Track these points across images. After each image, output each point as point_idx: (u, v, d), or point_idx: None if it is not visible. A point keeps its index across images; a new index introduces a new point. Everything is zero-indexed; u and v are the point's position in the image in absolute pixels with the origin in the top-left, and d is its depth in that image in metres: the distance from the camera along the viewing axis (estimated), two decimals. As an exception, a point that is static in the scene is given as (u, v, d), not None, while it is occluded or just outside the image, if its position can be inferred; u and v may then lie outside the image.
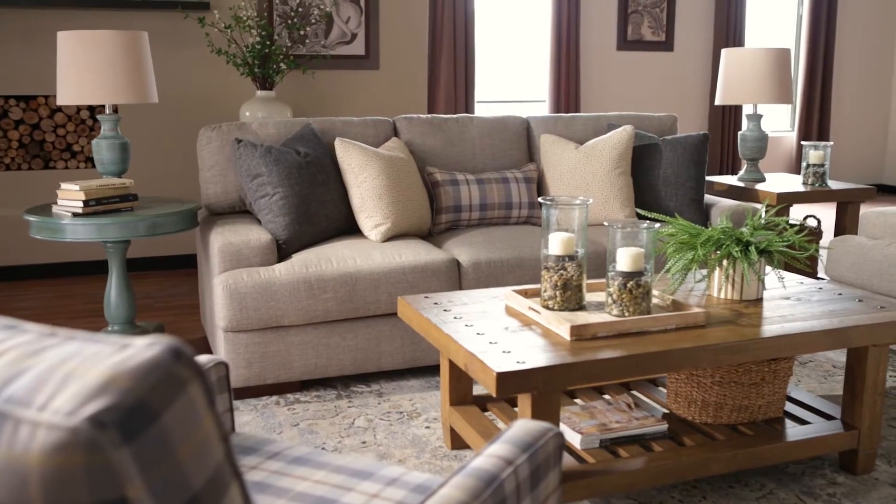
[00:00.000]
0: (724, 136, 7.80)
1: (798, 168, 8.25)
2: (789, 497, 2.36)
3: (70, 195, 3.11)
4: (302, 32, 5.27)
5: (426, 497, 1.10)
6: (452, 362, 2.60)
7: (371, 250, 3.19)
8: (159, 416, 0.70)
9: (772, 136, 8.22)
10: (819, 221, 4.64)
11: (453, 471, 1.21)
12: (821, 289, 2.70)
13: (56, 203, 3.22)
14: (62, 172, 5.01)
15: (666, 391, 2.68)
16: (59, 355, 0.75)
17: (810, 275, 4.44)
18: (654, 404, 2.66)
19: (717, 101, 4.66)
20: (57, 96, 3.23)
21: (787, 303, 2.52)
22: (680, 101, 7.73)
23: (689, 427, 2.47)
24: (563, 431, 2.36)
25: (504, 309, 2.45)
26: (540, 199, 2.40)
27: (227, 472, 0.78)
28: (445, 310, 2.45)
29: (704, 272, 2.77)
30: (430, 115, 3.87)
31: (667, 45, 7.58)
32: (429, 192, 3.70)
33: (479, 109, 7.06)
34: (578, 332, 2.16)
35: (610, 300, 2.32)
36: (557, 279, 2.35)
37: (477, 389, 3.11)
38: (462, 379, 2.64)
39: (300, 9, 5.34)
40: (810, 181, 4.55)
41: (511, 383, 1.95)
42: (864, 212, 3.86)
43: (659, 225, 2.36)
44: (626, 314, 2.29)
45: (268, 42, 4.87)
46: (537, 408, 2.05)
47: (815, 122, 8.14)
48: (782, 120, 8.41)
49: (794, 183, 4.66)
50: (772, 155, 8.24)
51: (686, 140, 3.91)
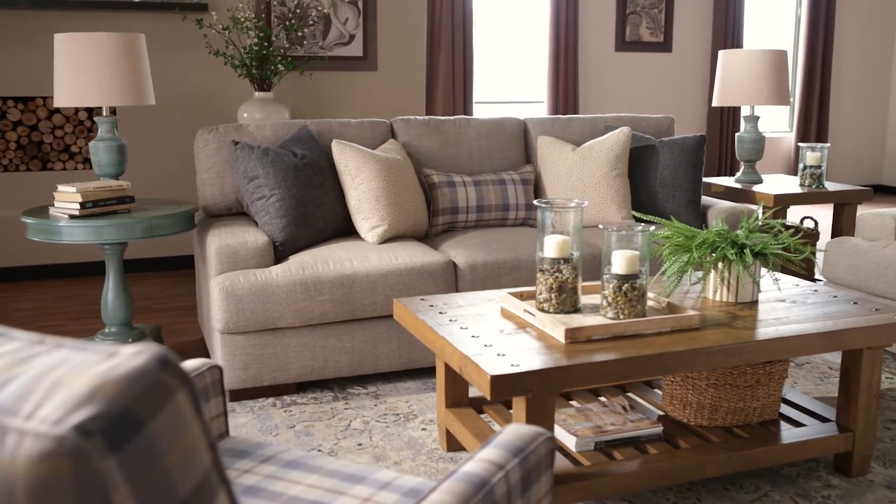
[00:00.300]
0: (722, 137, 7.81)
1: (796, 169, 8.26)
2: (784, 499, 2.37)
3: (67, 197, 3.11)
4: (300, 34, 5.27)
5: (417, 501, 1.11)
6: (448, 365, 2.61)
7: (368, 252, 3.19)
8: (146, 425, 0.70)
9: (770, 137, 8.23)
10: (816, 223, 4.64)
11: (445, 475, 1.21)
12: (816, 291, 2.70)
13: (53, 205, 3.22)
14: (60, 174, 5.01)
15: (661, 393, 2.68)
16: (47, 363, 0.75)
17: (807, 277, 4.44)
18: (649, 406, 2.66)
19: (714, 103, 4.66)
20: (54, 98, 3.23)
21: (782, 305, 2.53)
22: (678, 102, 7.74)
23: (684, 429, 2.47)
24: (558, 433, 2.37)
25: (500, 311, 2.45)
26: (535, 202, 2.40)
27: (214, 479, 0.78)
28: (441, 312, 2.45)
29: (700, 274, 2.77)
30: (427, 117, 3.88)
31: (665, 46, 7.58)
32: (426, 193, 3.70)
33: (478, 110, 7.07)
34: (573, 335, 2.16)
35: (605, 303, 2.33)
36: (552, 282, 2.36)
37: (473, 391, 3.11)
38: (458, 381, 2.65)
39: (298, 10, 5.34)
40: (807, 183, 4.56)
41: (505, 386, 1.95)
42: (861, 213, 3.87)
43: (654, 227, 2.36)
44: (621, 317, 2.30)
45: (265, 43, 4.88)
46: (532, 411, 2.05)
47: (814, 122, 8.15)
48: (781, 121, 8.41)
49: (792, 184, 4.67)
50: (770, 156, 8.25)
51: (683, 142, 3.91)
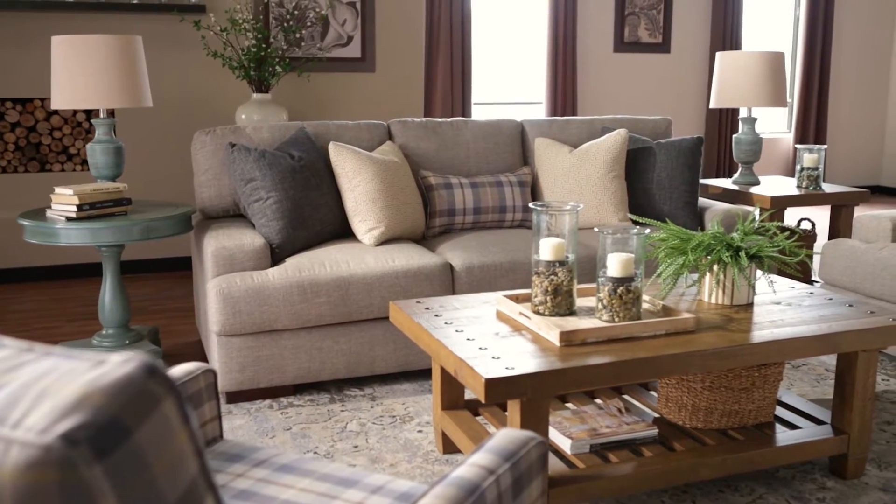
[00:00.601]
0: (720, 139, 7.81)
1: (795, 170, 8.26)
2: (779, 502, 2.37)
3: (64, 199, 3.11)
4: (298, 35, 5.28)
5: (407, 507, 1.11)
6: (443, 367, 2.61)
7: (364, 254, 3.20)
8: (132, 433, 0.71)
9: (769, 138, 8.23)
10: (813, 224, 4.65)
11: (435, 480, 1.22)
12: (812, 293, 2.70)
13: (50, 207, 3.22)
14: (58, 175, 5.02)
15: (657, 395, 2.68)
16: (35, 372, 0.75)
17: (804, 279, 4.45)
18: (645, 408, 2.66)
19: (711, 105, 4.67)
20: (51, 100, 3.23)
21: (777, 308, 2.53)
22: (677, 103, 7.74)
23: (679, 432, 2.47)
24: (553, 436, 2.37)
25: (495, 314, 2.46)
26: (530, 205, 2.41)
27: (201, 486, 0.79)
28: (437, 315, 2.45)
29: (696, 277, 2.78)
30: (424, 119, 3.88)
31: (664, 47, 7.59)
32: (423, 195, 3.71)
33: (476, 111, 7.07)
34: (568, 338, 2.17)
35: (600, 305, 2.33)
36: (548, 284, 2.36)
37: (469, 394, 3.12)
38: (454, 383, 2.65)
39: (296, 11, 5.35)
40: (804, 184, 4.56)
41: (499, 390, 1.95)
42: (858, 215, 3.87)
43: (649, 230, 2.37)
44: (616, 319, 2.30)
45: (264, 45, 4.88)
46: (526, 414, 2.05)
47: (812, 124, 8.15)
48: (779, 122, 8.42)
49: (789, 186, 4.67)
50: (769, 157, 8.25)
51: (680, 143, 3.92)
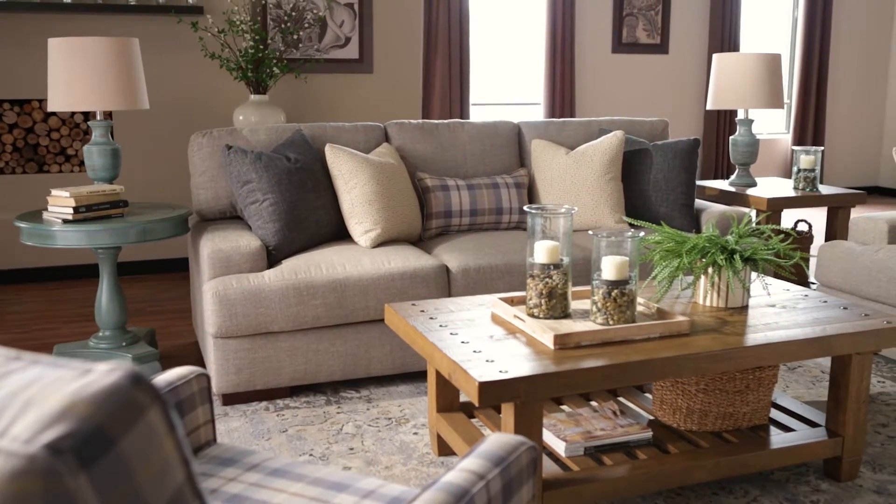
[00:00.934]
0: (719, 140, 7.81)
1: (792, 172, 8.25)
2: (773, 504, 2.38)
3: (60, 202, 3.12)
4: (295, 36, 5.28)
5: (396, 512, 1.11)
6: (438, 370, 2.61)
7: (361, 256, 3.20)
8: (117, 442, 0.71)
9: (767, 139, 8.23)
10: (810, 226, 4.65)
11: (425, 485, 1.22)
12: (806, 296, 2.71)
13: (47, 209, 3.23)
14: (56, 176, 5.02)
15: (652, 397, 2.69)
16: (22, 380, 0.76)
17: (799, 281, 4.45)
18: (640, 411, 2.67)
19: (708, 106, 4.67)
20: (48, 103, 3.24)
21: (772, 310, 2.54)
22: (675, 104, 7.75)
23: (673, 434, 2.48)
24: (548, 438, 2.38)
25: (490, 317, 2.46)
26: (525, 208, 2.41)
27: (188, 493, 0.79)
28: (431, 318, 2.46)
29: (690, 279, 2.78)
30: (421, 121, 3.88)
31: (662, 48, 7.59)
32: (419, 197, 3.71)
33: (474, 112, 7.08)
34: (562, 341, 2.17)
35: (594, 308, 2.34)
36: (543, 287, 2.37)
37: (464, 396, 3.12)
38: (449, 386, 2.66)
39: (294, 13, 5.35)
40: (801, 186, 4.57)
41: (493, 393, 1.96)
42: (854, 217, 3.88)
43: (643, 233, 2.37)
44: (611, 322, 2.30)
45: (261, 46, 4.88)
46: (520, 417, 2.06)
47: (811, 124, 8.16)
48: (777, 123, 8.42)
49: (786, 188, 4.68)
50: (767, 158, 8.26)
51: (676, 145, 3.92)
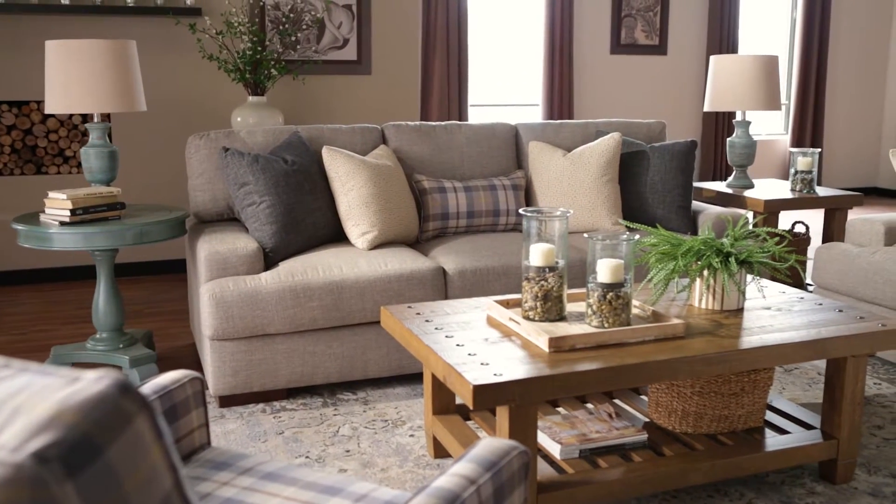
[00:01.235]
0: (717, 141, 7.82)
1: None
2: (768, 507, 2.38)
3: (57, 204, 3.12)
4: (293, 38, 5.28)
5: (387, 517, 1.12)
6: (433, 373, 2.62)
7: (357, 258, 3.21)
8: (104, 451, 0.71)
9: (765, 140, 8.24)
10: (807, 228, 4.66)
11: (419, 488, 1.22)
12: (802, 299, 2.71)
13: (44, 211, 3.23)
14: (54, 178, 5.02)
15: (647, 400, 2.69)
16: (10, 388, 0.76)
17: (795, 284, 4.45)
18: (635, 413, 2.67)
19: (705, 108, 4.68)
20: (45, 105, 3.24)
21: (767, 313, 2.54)
22: (674, 105, 7.75)
23: (669, 437, 2.48)
24: (543, 441, 2.38)
25: (486, 319, 2.47)
26: (520, 211, 2.41)
27: (176, 500, 0.80)
28: (427, 320, 2.46)
29: (686, 282, 2.78)
30: (418, 123, 3.89)
31: (660, 49, 7.60)
32: (416, 199, 3.72)
33: (473, 113, 7.08)
34: (557, 344, 2.18)
35: (590, 311, 2.34)
36: (538, 290, 2.37)
37: (460, 398, 3.12)
38: (445, 388, 2.66)
39: (292, 14, 5.36)
40: (798, 188, 4.57)
41: (487, 396, 1.96)
42: (851, 219, 3.88)
43: (638, 236, 2.38)
44: (606, 325, 2.31)
45: (259, 48, 4.89)
46: (514, 420, 2.06)
47: (809, 125, 8.16)
48: (776, 124, 8.43)
49: (783, 189, 4.68)
50: (766, 159, 8.26)
51: (673, 147, 3.92)
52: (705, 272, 2.53)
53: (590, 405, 2.78)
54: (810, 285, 4.56)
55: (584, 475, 2.24)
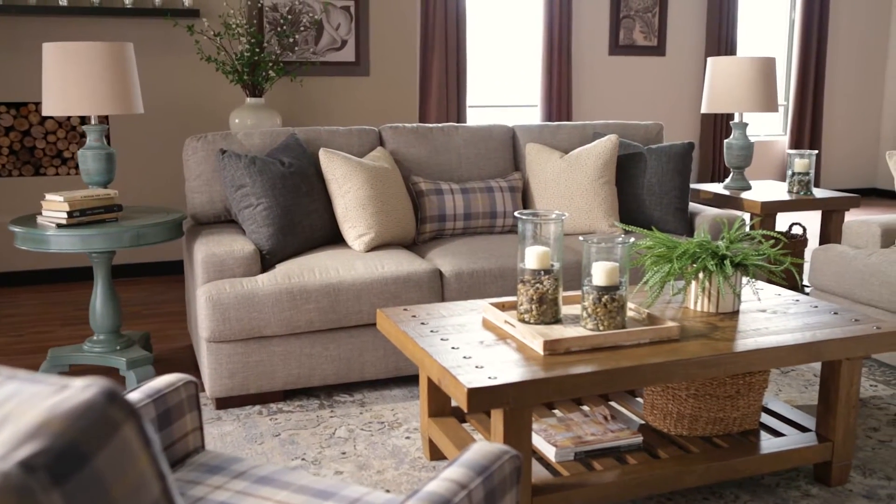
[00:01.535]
0: (715, 142, 7.82)
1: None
2: (763, 509, 2.38)
3: (54, 206, 3.12)
4: (291, 39, 5.29)
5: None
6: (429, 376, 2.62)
7: (354, 260, 3.21)
8: (91, 459, 0.72)
9: (764, 141, 8.24)
10: (804, 229, 4.66)
11: (408, 493, 1.23)
12: (797, 301, 2.72)
13: (41, 213, 3.24)
14: (52, 179, 5.03)
15: (643, 402, 2.70)
16: (-2, 396, 0.76)
17: (791, 286, 4.45)
18: (631, 415, 2.68)
19: (703, 110, 4.68)
20: (42, 107, 3.25)
21: (763, 315, 2.54)
22: (672, 105, 7.76)
23: (664, 439, 2.49)
24: (538, 443, 2.39)
25: (481, 322, 2.47)
26: (516, 214, 2.42)
27: (164, 508, 0.80)
28: (423, 323, 2.47)
29: (682, 284, 2.79)
30: (415, 125, 3.89)
31: (659, 50, 7.60)
32: (413, 201, 3.72)
33: (471, 114, 7.09)
34: (552, 347, 2.18)
35: (585, 314, 2.34)
36: (533, 293, 2.37)
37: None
38: (440, 391, 2.67)
39: (290, 16, 5.36)
40: (795, 189, 4.58)
41: (482, 399, 1.97)
42: (848, 221, 3.89)
43: (633, 239, 2.38)
44: (601, 328, 2.31)
45: (257, 49, 4.89)
46: (509, 422, 2.07)
47: (808, 126, 8.16)
48: (775, 125, 8.43)
49: (780, 191, 4.68)
50: (765, 159, 8.27)
51: (670, 149, 3.93)
52: (700, 275, 2.54)
53: (585, 407, 2.78)
54: (807, 287, 4.56)
55: (579, 478, 2.24)
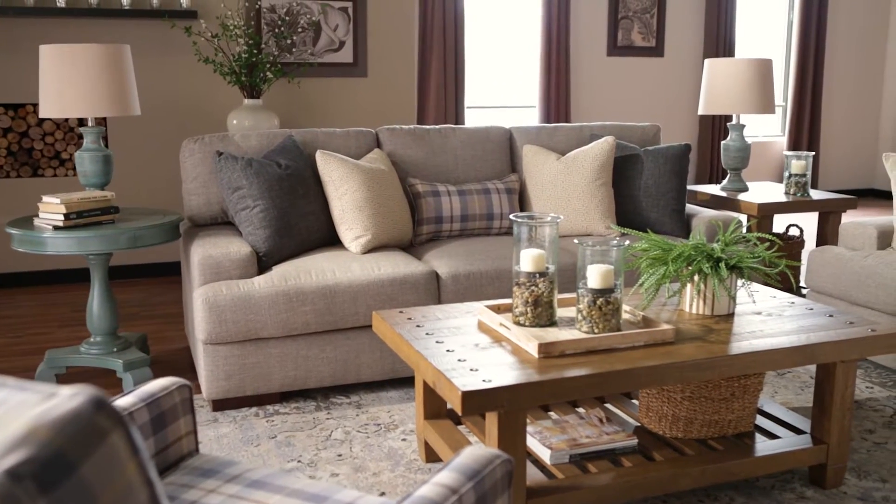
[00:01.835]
0: (713, 144, 7.83)
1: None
2: (758, 511, 2.39)
3: (51, 208, 3.13)
4: (289, 41, 5.29)
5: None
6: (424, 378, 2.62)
7: (350, 262, 3.21)
8: (78, 467, 0.72)
9: (762, 142, 8.25)
10: (801, 231, 4.67)
11: (401, 497, 1.23)
12: (793, 303, 2.72)
13: (38, 215, 3.24)
14: (50, 180, 5.03)
15: (638, 404, 2.70)
16: (-13, 404, 0.77)
17: (786, 288, 4.46)
18: (626, 418, 2.68)
19: (700, 111, 4.69)
20: (39, 109, 3.25)
21: (758, 318, 2.55)
22: (670, 106, 7.76)
23: (659, 441, 2.49)
24: (533, 446, 2.39)
25: (476, 325, 2.47)
26: (511, 217, 2.42)
27: (152, 515, 0.80)
28: (418, 325, 2.47)
29: (677, 287, 2.79)
30: (412, 126, 3.90)
31: (657, 51, 7.61)
32: (410, 203, 3.72)
33: (469, 115, 7.09)
34: (546, 350, 2.18)
35: (580, 317, 2.35)
36: (528, 296, 2.38)
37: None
38: (436, 393, 2.67)
39: (288, 17, 5.36)
40: (792, 191, 4.58)
41: (476, 402, 1.97)
42: (844, 222, 3.89)
43: (628, 242, 2.38)
44: (596, 331, 2.32)
45: (255, 51, 4.89)
46: (503, 425, 2.07)
47: (806, 127, 8.17)
48: (773, 126, 8.44)
49: (777, 192, 4.69)
50: (763, 160, 8.27)
51: (667, 151, 3.93)
52: (696, 277, 2.54)
53: (581, 410, 2.78)
54: (804, 289, 4.57)
55: (574, 480, 2.24)
